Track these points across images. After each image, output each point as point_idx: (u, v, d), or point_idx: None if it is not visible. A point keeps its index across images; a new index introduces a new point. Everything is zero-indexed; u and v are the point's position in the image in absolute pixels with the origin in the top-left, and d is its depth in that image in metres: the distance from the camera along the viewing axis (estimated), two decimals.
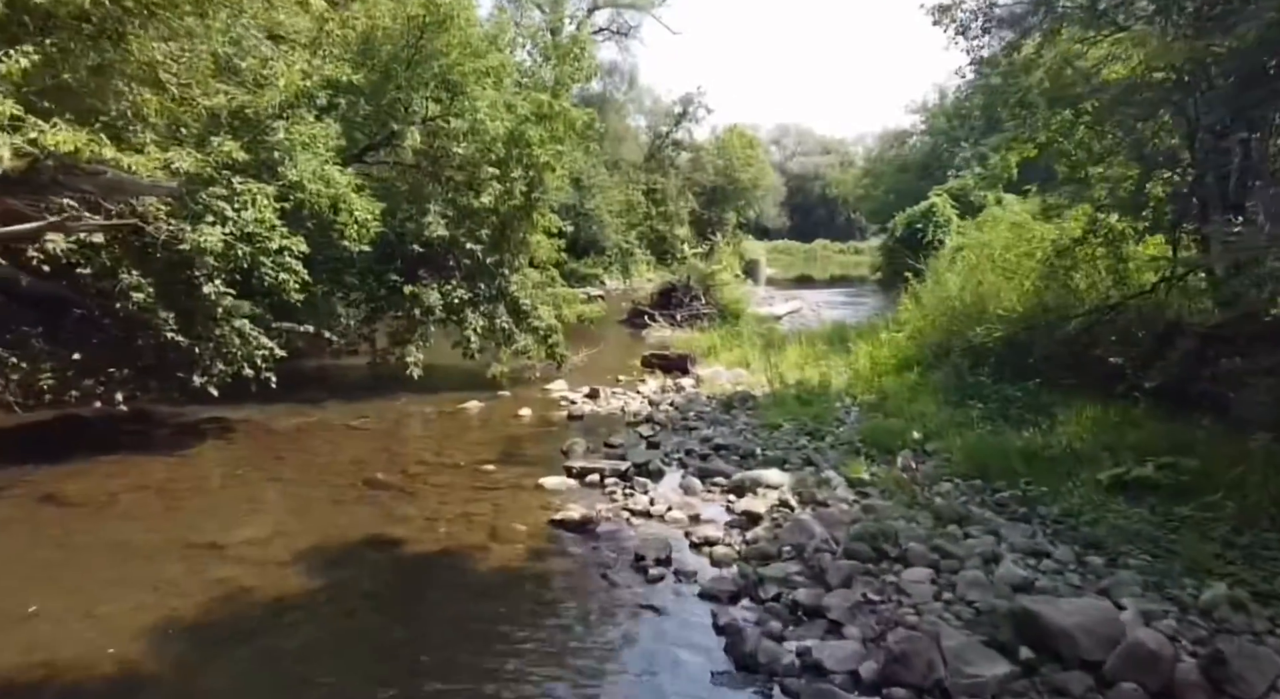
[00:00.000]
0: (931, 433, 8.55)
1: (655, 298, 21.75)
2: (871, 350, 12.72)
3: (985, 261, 12.20)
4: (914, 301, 13.80)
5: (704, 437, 9.62)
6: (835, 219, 78.41)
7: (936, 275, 13.49)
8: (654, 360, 14.63)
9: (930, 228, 28.20)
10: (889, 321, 15.10)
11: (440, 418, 11.19)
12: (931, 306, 12.31)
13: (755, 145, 49.87)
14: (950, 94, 45.93)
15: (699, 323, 20.21)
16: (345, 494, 7.86)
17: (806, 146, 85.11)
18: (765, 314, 22.15)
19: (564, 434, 10.19)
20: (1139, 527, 5.88)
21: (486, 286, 13.08)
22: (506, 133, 12.58)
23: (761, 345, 15.61)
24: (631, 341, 19.44)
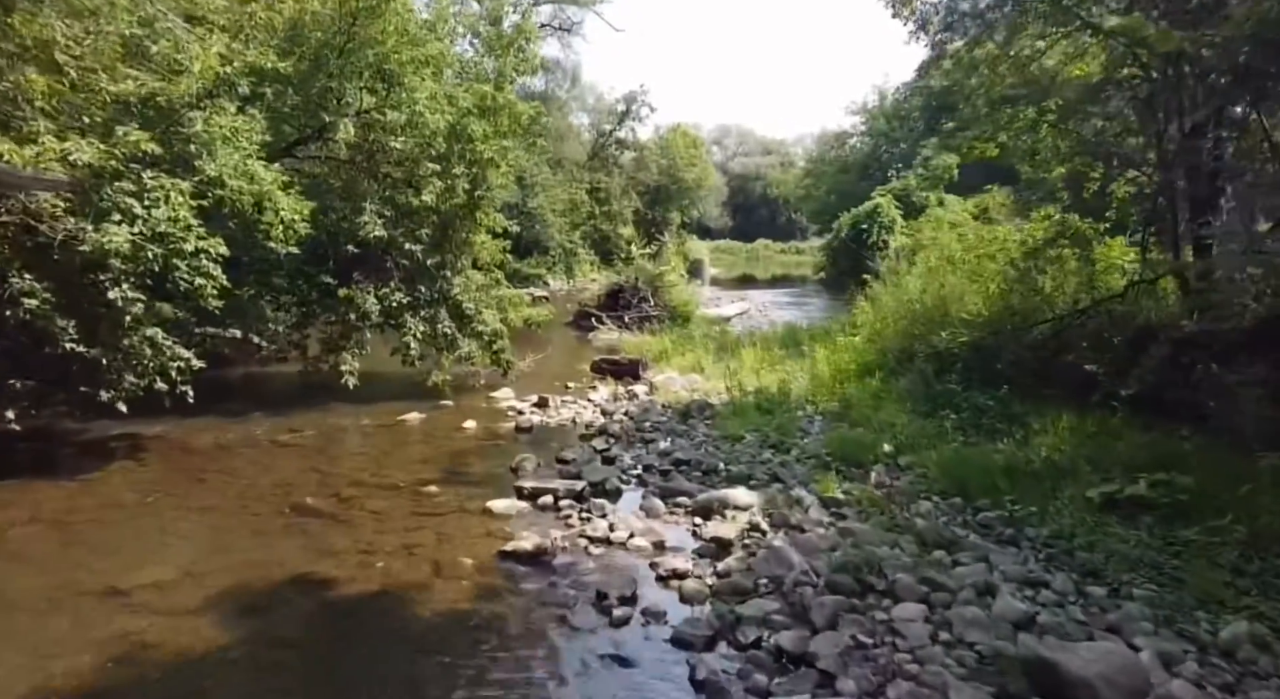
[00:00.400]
0: (904, 445, 8.06)
1: (602, 299, 21.09)
2: (829, 355, 12.25)
3: (946, 263, 11.83)
4: (871, 304, 13.38)
5: (663, 450, 9.00)
6: (776, 219, 78.67)
7: (895, 277, 13.08)
8: (604, 366, 13.97)
9: (875, 228, 28.09)
10: (844, 324, 14.69)
11: (378, 431, 10.36)
12: (891, 309, 11.88)
13: (699, 145, 49.52)
14: (889, 96, 46.25)
15: (648, 325, 19.61)
16: (270, 523, 7.03)
17: (747, 147, 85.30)
18: (714, 315, 21.66)
19: (512, 448, 9.47)
20: (1139, 551, 5.44)
21: (427, 289, 12.27)
22: (447, 126, 11.78)
23: (715, 349, 15.08)
24: (579, 345, 18.74)
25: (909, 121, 42.47)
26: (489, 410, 11.47)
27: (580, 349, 18.19)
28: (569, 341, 19.01)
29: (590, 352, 17.23)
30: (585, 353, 17.26)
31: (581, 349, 18.20)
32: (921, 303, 11.13)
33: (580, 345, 18.76)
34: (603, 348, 17.61)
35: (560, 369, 14.81)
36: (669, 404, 11.17)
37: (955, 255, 11.83)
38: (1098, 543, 5.62)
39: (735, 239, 76.01)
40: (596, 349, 17.52)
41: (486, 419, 10.89)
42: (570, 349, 17.93)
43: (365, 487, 8.00)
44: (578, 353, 17.23)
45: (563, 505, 7.33)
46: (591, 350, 17.42)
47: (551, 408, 11.38)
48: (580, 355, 16.66)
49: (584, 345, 18.64)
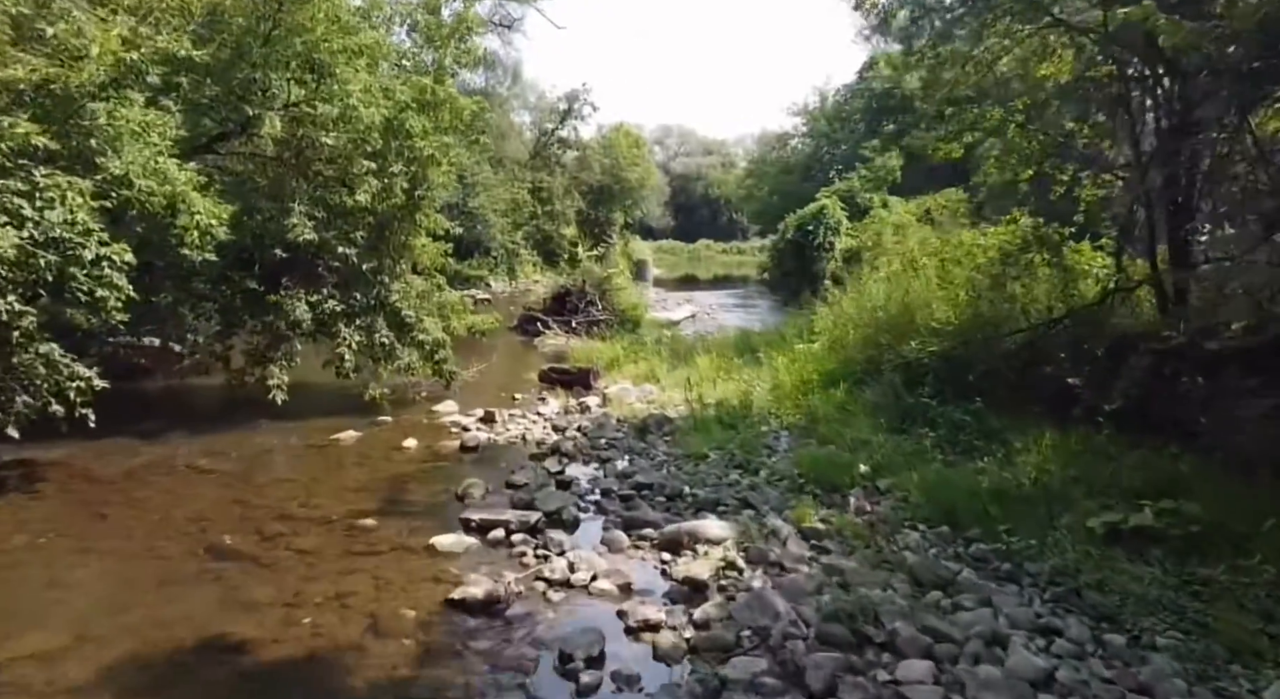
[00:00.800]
0: (880, 466, 7.51)
1: (548, 303, 20.28)
2: (790, 363, 11.71)
3: (910, 269, 11.37)
4: (830, 310, 12.87)
5: (621, 471, 8.30)
6: (718, 219, 78.59)
7: (856, 282, 12.57)
8: (553, 375, 13.21)
9: (821, 230, 27.78)
10: (800, 330, 14.19)
11: (309, 453, 9.45)
12: (853, 316, 11.38)
13: (641, 145, 48.95)
14: (830, 97, 46.28)
15: (596, 330, 18.89)
16: (181, 569, 6.14)
17: (689, 147, 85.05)
18: (663, 319, 21.04)
19: (458, 471, 8.69)
20: (1155, 592, 4.94)
21: (363, 296, 11.36)
22: (383, 121, 10.89)
23: (668, 356, 14.44)
24: (524, 351, 17.93)
25: (850, 123, 42.47)
26: (431, 426, 10.63)
27: (526, 356, 17.39)
28: (514, 348, 18.19)
29: (537, 358, 16.46)
30: (532, 360, 16.48)
31: (528, 355, 17.40)
32: (885, 310, 10.64)
33: (526, 351, 17.95)
34: (550, 354, 16.84)
35: (506, 378, 14.01)
36: (625, 418, 10.48)
37: (919, 261, 11.38)
38: (1107, 581, 5.12)
39: (677, 239, 75.69)
40: (543, 356, 16.75)
41: (429, 437, 10.05)
42: (516, 356, 17.12)
43: (293, 520, 7.13)
44: (524, 360, 16.44)
45: (516, 540, 6.58)
46: (538, 357, 16.65)
47: (499, 423, 10.60)
48: (527, 363, 15.87)
49: (530, 351, 17.84)
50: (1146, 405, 7.38)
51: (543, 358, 16.31)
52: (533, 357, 16.74)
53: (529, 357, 16.90)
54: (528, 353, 17.62)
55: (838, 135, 43.42)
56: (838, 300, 12.85)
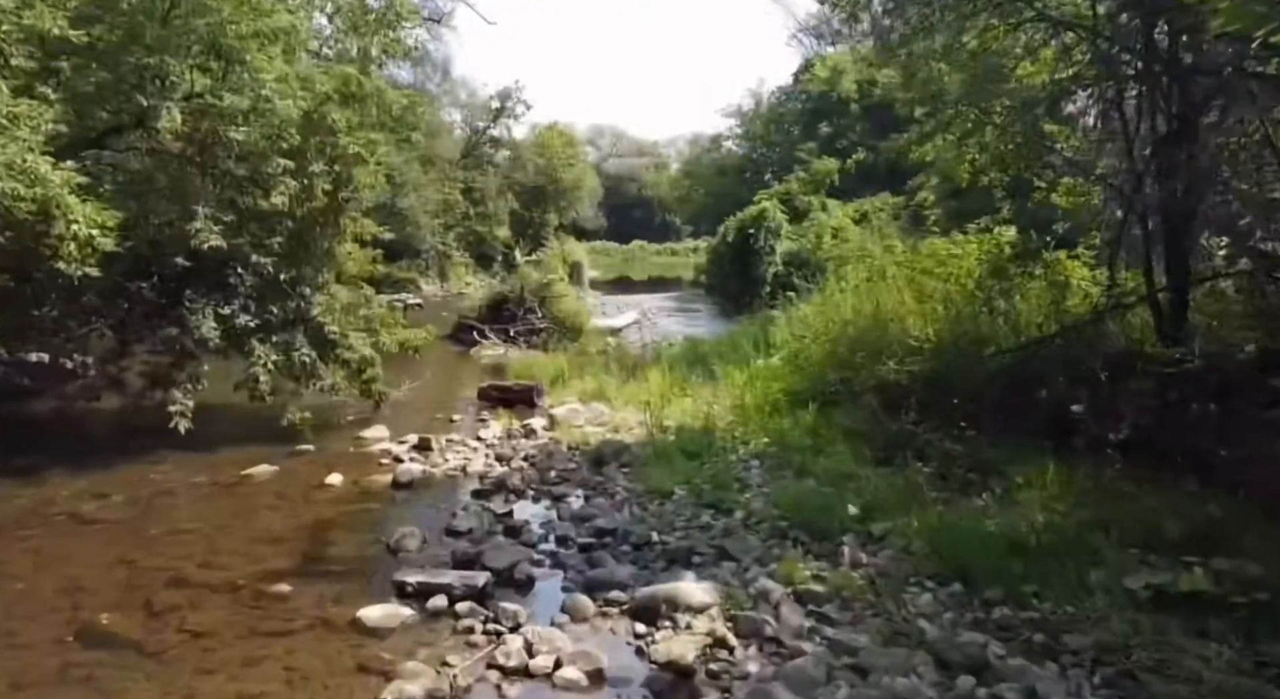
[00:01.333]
0: (871, 506, 6.65)
1: (484, 311, 19.09)
2: (749, 380, 10.86)
3: (879, 277, 10.62)
4: (790, 321, 12.06)
5: (578, 513, 7.29)
6: (652, 220, 77.88)
7: (821, 291, 11.77)
8: (493, 393, 12.10)
9: (762, 233, 27.16)
10: (756, 341, 13.36)
11: (215, 493, 8.19)
12: (819, 328, 10.56)
13: (576, 144, 47.89)
14: (765, 99, 45.95)
15: (536, 339, 17.80)
16: (42, 664, 4.90)
17: (621, 147, 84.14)
18: (606, 327, 20.03)
19: (389, 514, 7.57)
20: (1233, 679, 4.16)
21: (280, 309, 10.10)
22: (302, 115, 9.66)
23: (616, 370, 13.47)
24: (461, 363, 16.75)
25: (785, 126, 42.15)
26: (359, 456, 9.45)
27: (463, 368, 16.22)
28: (449, 360, 16.97)
29: (475, 372, 15.32)
30: (469, 372, 15.33)
31: (464, 368, 16.23)
32: (854, 324, 9.86)
33: (463, 363, 16.77)
34: (488, 367, 15.71)
35: (442, 396, 12.86)
36: (576, 445, 9.46)
37: (886, 270, 10.64)
38: (1168, 662, 4.33)
39: (611, 240, 74.70)
40: (481, 368, 15.62)
41: (356, 469, 8.88)
42: (452, 369, 15.92)
43: (190, 588, 5.93)
44: (461, 374, 15.27)
45: (461, 611, 5.49)
46: (476, 370, 15.51)
47: (436, 451, 9.48)
48: (464, 376, 14.73)
49: (467, 363, 16.66)
50: (1154, 434, 6.72)
51: (481, 371, 15.19)
52: (470, 370, 15.59)
53: (466, 370, 15.74)
54: (464, 365, 16.45)
55: (773, 137, 43.09)
56: (797, 311, 12.05)
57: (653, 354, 15.65)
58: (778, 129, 43.05)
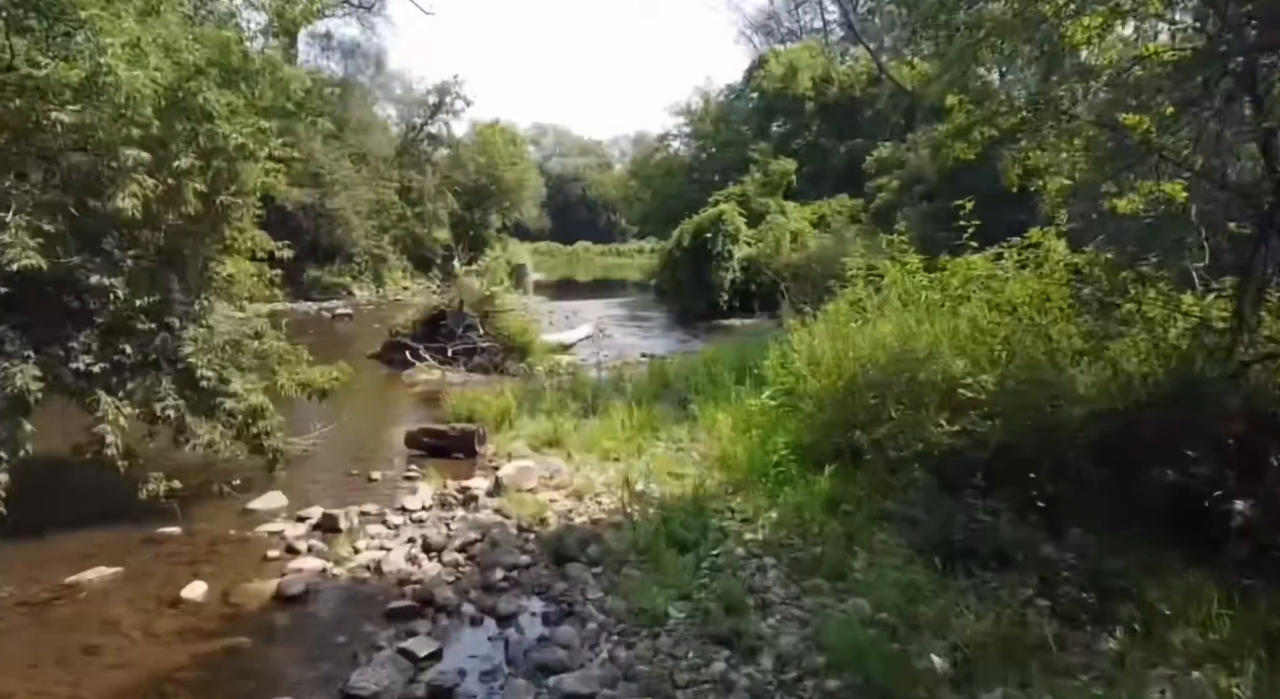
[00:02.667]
0: (969, 662, 4.52)
1: (418, 327, 16.58)
2: (741, 426, 8.74)
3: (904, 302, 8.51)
4: (785, 350, 9.88)
5: (536, 654, 4.99)
6: (596, 221, 75.73)
7: (832, 320, 9.56)
8: (425, 439, 9.70)
9: (720, 238, 25.13)
10: (736, 368, 11.22)
11: (20, 620, 5.68)
12: (828, 363, 8.41)
13: (519, 143, 45.34)
14: (714, 98, 43.93)
15: (478, 360, 15.42)
16: None
17: (565, 147, 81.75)
18: (556, 343, 17.71)
19: (262, 659, 5.20)
20: None
21: (137, 347, 7.57)
22: (164, 92, 7.20)
23: (572, 401, 11.22)
24: (389, 390, 14.29)
25: (736, 124, 40.22)
26: (240, 544, 7.02)
27: (392, 398, 13.77)
28: (376, 386, 14.48)
29: (405, 402, 12.91)
30: (399, 405, 12.91)
31: (393, 398, 13.78)
32: (875, 362, 7.74)
33: (391, 390, 14.30)
34: (421, 396, 13.29)
35: (363, 440, 10.43)
36: (529, 523, 7.16)
37: (915, 294, 8.54)
38: None
39: (554, 241, 72.37)
40: (413, 398, 13.20)
41: (231, 568, 6.46)
42: (378, 400, 13.45)
43: None
44: (389, 405, 12.83)
45: None
46: (407, 401, 13.09)
47: (344, 535, 7.10)
48: (392, 411, 12.30)
49: (396, 390, 14.19)
50: None
51: (412, 403, 12.77)
52: (400, 400, 13.16)
53: (395, 401, 13.29)
54: (394, 393, 13.99)
55: (723, 137, 41.12)
56: (790, 339, 9.91)
57: (612, 378, 13.45)
58: (727, 128, 41.09)
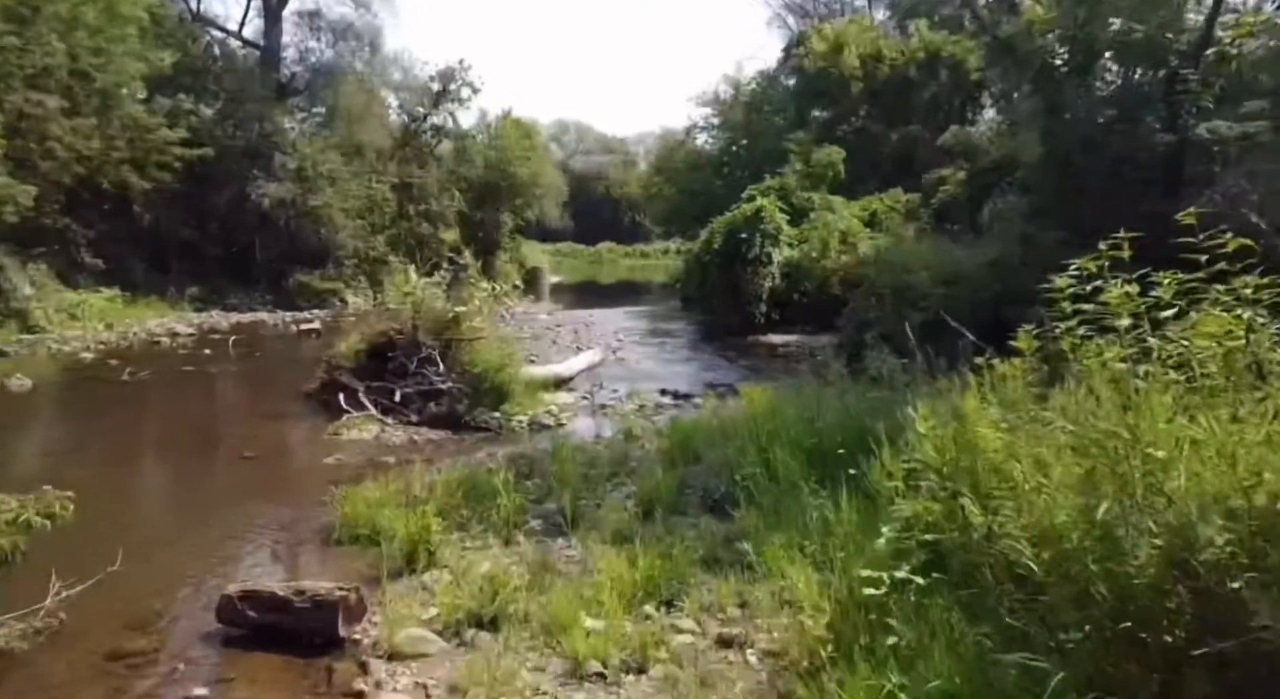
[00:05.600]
0: None
1: (361, 357, 12.08)
2: (845, 605, 4.15)
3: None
4: (928, 440, 5.21)
5: None
6: (620, 221, 71.25)
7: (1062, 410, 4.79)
8: (250, 612, 5.17)
9: (758, 238, 20.47)
10: (812, 453, 6.60)
11: None
12: (1070, 508, 3.81)
13: (533, 136, 40.77)
14: (746, 85, 39.14)
15: (434, 408, 10.92)
16: None
17: (588, 145, 77.30)
18: (547, 376, 13.16)
19: None
20: None
21: None
22: None
23: (546, 501, 6.69)
24: (293, 456, 9.79)
25: (770, 113, 35.43)
26: None
27: (286, 473, 9.23)
28: (278, 447, 10.01)
29: (303, 483, 8.36)
30: (287, 489, 8.35)
31: (288, 471, 9.25)
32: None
33: (298, 455, 9.80)
34: (336, 467, 8.75)
35: (163, 586, 5.91)
36: None
37: None
38: None
39: (577, 242, 68.13)
40: (321, 474, 8.63)
41: None
42: (259, 482, 8.85)
43: None
44: (270, 494, 8.21)
45: None
46: (310, 476, 8.53)
47: None
48: (267, 505, 7.73)
49: (306, 455, 9.67)
50: None
51: (314, 484, 8.19)
52: (294, 483, 8.61)
53: (286, 483, 8.72)
54: (294, 464, 9.47)
55: (755, 127, 36.35)
56: (934, 426, 5.20)
57: (613, 447, 8.91)
58: (760, 118, 36.31)
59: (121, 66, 17.69)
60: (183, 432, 10.53)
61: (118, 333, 19.31)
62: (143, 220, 24.62)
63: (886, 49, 29.37)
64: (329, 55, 29.92)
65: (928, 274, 15.75)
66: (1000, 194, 18.50)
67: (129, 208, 24.29)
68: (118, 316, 21.32)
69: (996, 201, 17.62)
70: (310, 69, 29.94)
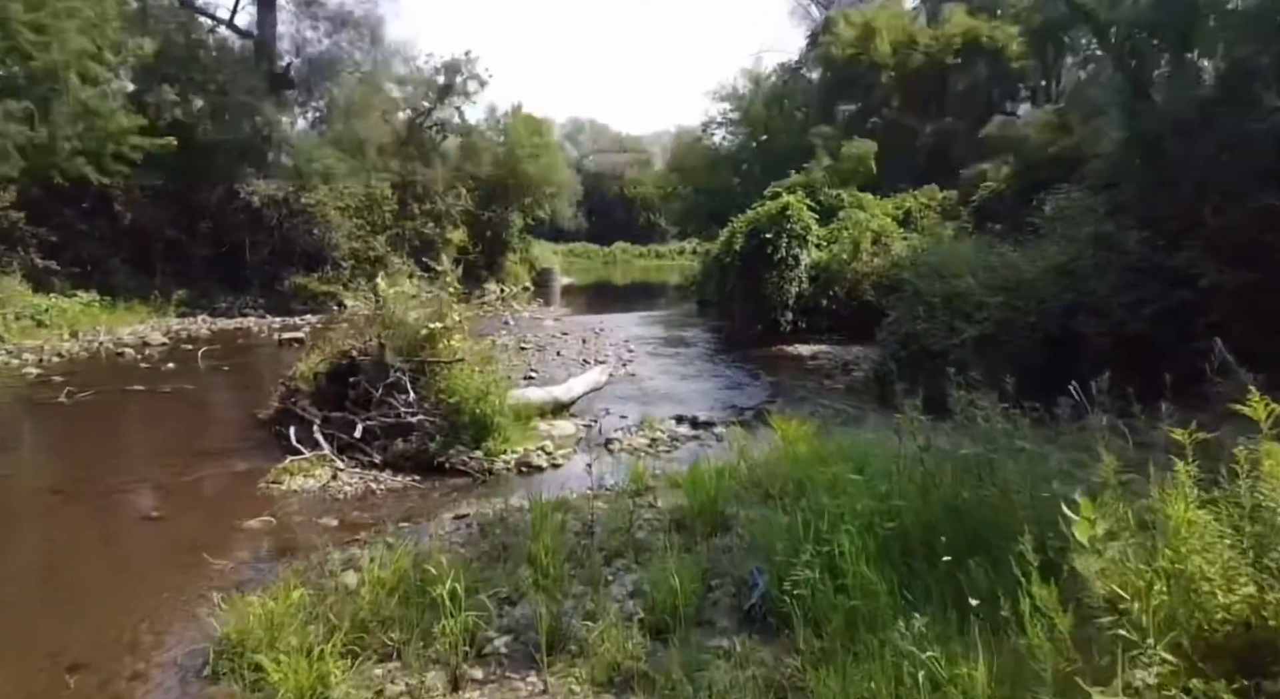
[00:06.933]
0: None
1: (321, 381, 10.03)
2: None
3: None
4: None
5: None
6: (634, 220, 69.09)
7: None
8: None
9: (784, 239, 18.30)
10: (893, 543, 4.51)
11: None
12: None
13: (545, 132, 38.68)
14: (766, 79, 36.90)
15: (402, 445, 8.87)
16: None
17: (602, 144, 75.16)
18: (544, 401, 11.07)
19: None
20: None
21: None
22: None
23: (510, 606, 4.60)
24: (207, 516, 7.69)
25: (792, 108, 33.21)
26: None
27: (199, 564, 7.12)
28: (210, 500, 7.96)
29: (213, 576, 6.29)
30: (200, 576, 6.27)
31: (199, 567, 7.15)
32: None
33: (231, 512, 7.71)
34: (259, 533, 6.69)
35: None
36: None
37: None
38: None
39: (591, 242, 66.09)
40: (260, 530, 6.57)
41: None
42: (169, 562, 6.79)
43: None
44: (123, 593, 6.17)
45: None
46: (225, 556, 6.44)
47: None
48: (164, 612, 5.69)
49: (229, 511, 7.60)
50: None
51: (232, 559, 6.12)
52: (201, 567, 6.51)
53: (191, 571, 6.62)
54: (221, 527, 7.37)
55: (776, 122, 34.13)
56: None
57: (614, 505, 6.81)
58: (781, 112, 34.09)
59: (67, 45, 15.73)
60: (91, 477, 8.52)
61: (82, 343, 17.40)
62: (124, 219, 22.70)
63: (920, 36, 27.09)
64: (326, 46, 27.99)
65: (974, 280, 13.58)
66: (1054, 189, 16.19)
67: (109, 205, 22.41)
68: (91, 323, 19.47)
69: (1056, 198, 15.33)
70: (306, 60, 28.01)
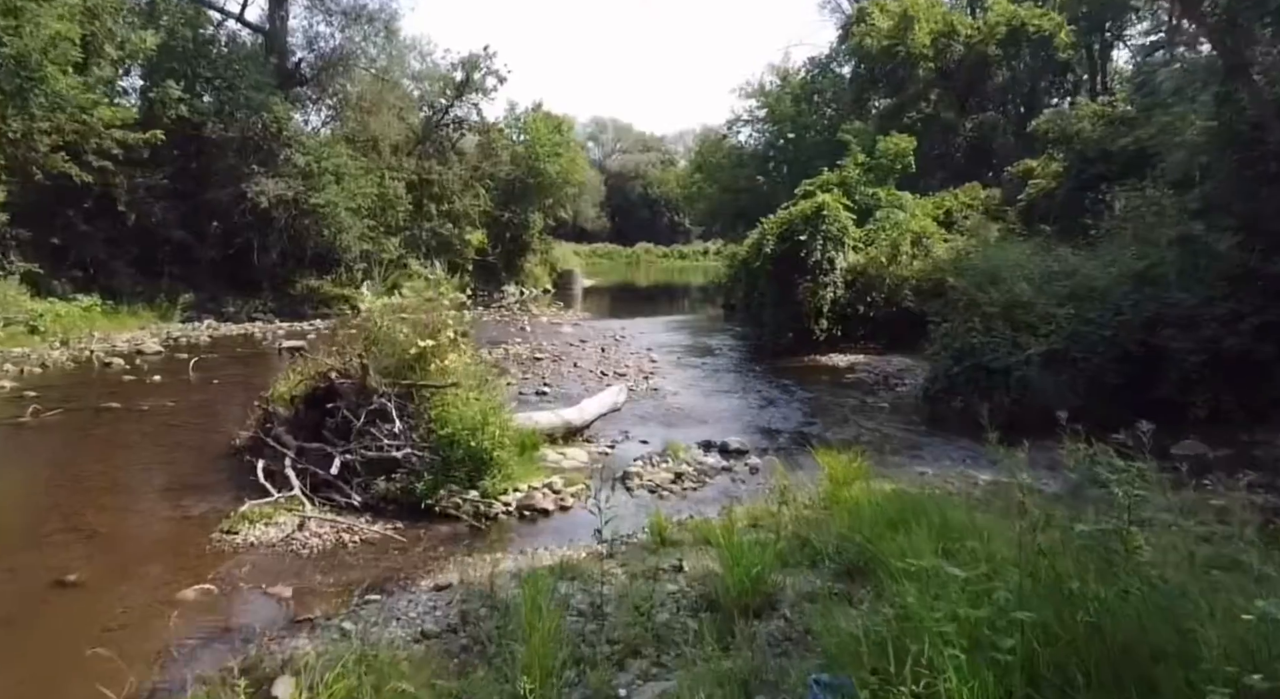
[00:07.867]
0: None
1: (299, 407, 8.70)
2: None
3: None
4: None
5: None
6: (659, 221, 67.76)
7: None
8: None
9: (819, 241, 16.77)
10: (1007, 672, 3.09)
11: None
12: None
13: (566, 130, 37.33)
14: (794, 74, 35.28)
15: (386, 485, 7.51)
16: None
17: (625, 143, 73.78)
18: (554, 425, 9.68)
19: None
20: None
21: None
22: None
23: None
24: (141, 577, 6.32)
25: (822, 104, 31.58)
26: None
27: (98, 660, 5.76)
28: (145, 558, 6.62)
29: (118, 675, 4.92)
30: (95, 676, 4.91)
31: (97, 662, 5.79)
32: None
33: (167, 576, 6.34)
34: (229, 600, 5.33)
35: None
36: None
37: None
38: None
39: (614, 242, 64.85)
40: (196, 603, 5.21)
41: None
42: (59, 661, 5.47)
43: None
44: None
45: None
46: (141, 649, 5.08)
47: None
48: None
49: (180, 574, 6.23)
50: None
51: (150, 650, 4.78)
52: (103, 663, 5.15)
53: (82, 674, 5.28)
54: (148, 600, 6.00)
55: (805, 119, 32.51)
56: None
57: (630, 584, 5.40)
58: (811, 108, 32.47)
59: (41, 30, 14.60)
60: (15, 524, 7.26)
61: (71, 351, 16.28)
62: (128, 219, 21.63)
63: (960, 25, 25.36)
64: (339, 40, 26.79)
65: (1029, 286, 12.02)
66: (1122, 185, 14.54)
67: (112, 206, 21.35)
68: (90, 329, 18.40)
69: (1127, 195, 13.68)
70: (319, 56, 26.82)
